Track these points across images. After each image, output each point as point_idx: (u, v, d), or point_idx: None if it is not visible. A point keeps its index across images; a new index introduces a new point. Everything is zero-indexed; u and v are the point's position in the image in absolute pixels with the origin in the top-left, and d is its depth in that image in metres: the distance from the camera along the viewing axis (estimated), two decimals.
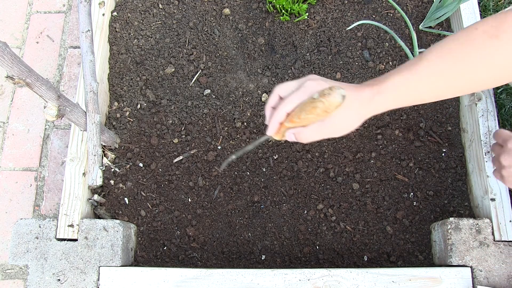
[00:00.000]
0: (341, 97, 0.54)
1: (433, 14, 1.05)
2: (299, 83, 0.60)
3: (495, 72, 0.58)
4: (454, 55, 0.58)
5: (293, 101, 0.58)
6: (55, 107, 0.79)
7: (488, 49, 0.57)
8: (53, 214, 1.13)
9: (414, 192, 1.00)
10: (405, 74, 0.58)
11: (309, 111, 0.56)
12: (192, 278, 0.86)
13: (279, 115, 0.60)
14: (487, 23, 0.58)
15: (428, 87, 0.59)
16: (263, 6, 1.14)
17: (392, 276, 0.85)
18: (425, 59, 0.58)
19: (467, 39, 0.58)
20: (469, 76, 0.58)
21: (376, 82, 0.59)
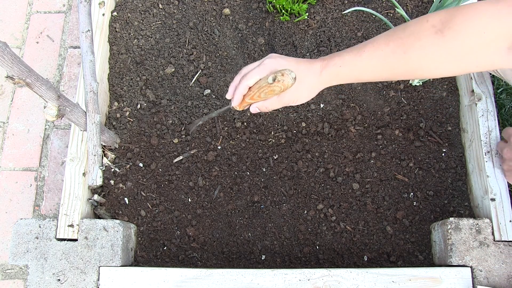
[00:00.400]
0: (293, 80, 0.63)
1: None
2: (260, 61, 0.68)
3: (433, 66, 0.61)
4: (399, 44, 0.61)
5: (253, 76, 0.66)
6: (55, 107, 0.79)
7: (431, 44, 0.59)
8: (53, 214, 1.13)
9: (414, 192, 1.00)
10: (351, 54, 0.65)
11: (267, 93, 0.66)
12: (192, 278, 0.86)
13: (242, 88, 0.68)
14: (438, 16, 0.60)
15: (369, 69, 0.65)
16: (263, 6, 1.14)
17: (392, 276, 0.85)
18: (374, 42, 0.64)
19: (415, 30, 0.61)
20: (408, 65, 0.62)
21: (328, 57, 0.67)
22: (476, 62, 0.59)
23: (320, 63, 0.67)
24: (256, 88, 0.68)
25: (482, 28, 0.56)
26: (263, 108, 0.70)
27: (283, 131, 1.05)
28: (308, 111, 1.06)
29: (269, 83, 0.65)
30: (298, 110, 1.06)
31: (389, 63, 0.63)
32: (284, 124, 1.05)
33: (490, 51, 0.57)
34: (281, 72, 0.63)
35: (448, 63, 0.60)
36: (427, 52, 0.60)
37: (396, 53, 0.62)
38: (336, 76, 0.67)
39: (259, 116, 1.06)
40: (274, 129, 1.05)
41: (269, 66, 0.66)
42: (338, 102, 1.07)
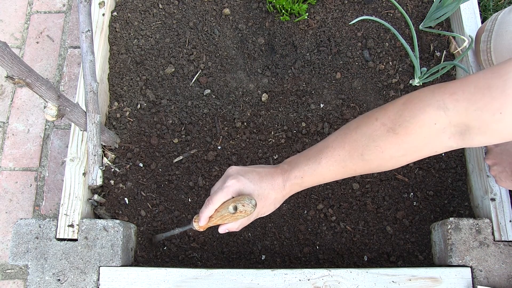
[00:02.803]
0: (253, 207, 0.65)
1: (433, 14, 1.05)
2: (223, 180, 0.70)
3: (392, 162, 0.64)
4: (354, 146, 0.64)
5: (219, 200, 0.68)
6: (55, 107, 0.79)
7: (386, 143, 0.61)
8: (53, 214, 1.13)
9: (414, 192, 1.00)
10: (310, 164, 0.67)
11: (231, 220, 0.69)
12: (192, 278, 0.86)
13: (208, 210, 0.70)
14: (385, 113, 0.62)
15: (330, 174, 0.67)
16: (263, 6, 1.14)
17: (392, 276, 0.85)
18: (329, 148, 0.66)
19: (367, 132, 0.63)
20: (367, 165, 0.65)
21: (287, 167, 0.69)
22: (434, 149, 0.61)
23: (281, 178, 0.69)
24: (218, 215, 0.70)
25: (432, 120, 0.58)
26: (233, 229, 0.72)
27: (283, 131, 1.05)
28: (308, 111, 1.06)
29: (230, 213, 0.67)
30: (298, 110, 1.06)
31: (348, 165, 0.65)
32: (284, 124, 1.05)
33: (444, 139, 0.59)
34: (241, 202, 0.65)
35: (406, 156, 0.62)
36: (384, 150, 0.62)
37: (353, 156, 0.64)
38: (300, 186, 0.70)
39: (259, 116, 1.06)
40: (274, 129, 1.05)
41: (232, 188, 0.67)
42: (338, 102, 1.07)
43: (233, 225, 0.71)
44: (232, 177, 0.68)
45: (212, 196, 0.69)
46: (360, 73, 1.09)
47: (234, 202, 0.67)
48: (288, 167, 0.69)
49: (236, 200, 0.67)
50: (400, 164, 0.64)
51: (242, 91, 1.08)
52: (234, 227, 0.72)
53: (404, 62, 1.09)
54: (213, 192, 0.71)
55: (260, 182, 0.69)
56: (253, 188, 0.68)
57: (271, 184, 0.69)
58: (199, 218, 0.72)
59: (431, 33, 1.11)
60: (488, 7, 1.24)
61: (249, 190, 0.68)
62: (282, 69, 1.09)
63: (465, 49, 1.06)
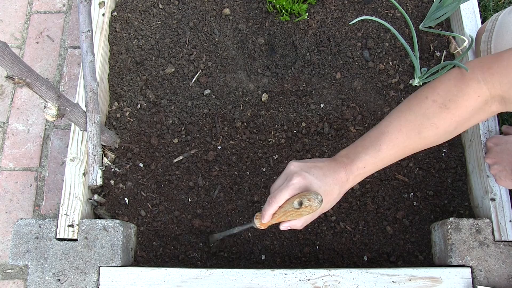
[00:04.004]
0: (319, 203, 0.64)
1: (433, 14, 1.05)
2: (285, 177, 0.69)
3: (445, 136, 0.69)
4: (411, 127, 0.67)
5: (283, 197, 0.67)
6: (55, 107, 0.79)
7: (438, 119, 0.67)
8: (53, 214, 1.13)
9: (414, 192, 1.00)
10: (370, 152, 0.68)
11: (296, 216, 0.67)
12: (192, 278, 0.86)
13: (272, 208, 0.68)
14: (435, 91, 0.68)
15: (391, 158, 0.69)
16: (263, 6, 1.14)
17: (392, 276, 0.85)
18: (386, 133, 0.68)
19: (420, 110, 0.67)
20: (425, 142, 0.69)
21: (348, 160, 0.69)
22: (481, 118, 0.68)
23: (344, 172, 0.68)
24: (281, 211, 0.68)
25: (475, 93, 0.65)
26: (296, 227, 0.71)
27: (283, 131, 1.05)
28: (308, 111, 1.06)
29: (295, 208, 0.65)
30: (298, 110, 1.06)
31: (407, 146, 0.69)
32: (284, 124, 1.05)
33: (487, 108, 0.67)
34: (307, 197, 0.64)
35: (457, 128, 0.68)
36: (439, 126, 0.67)
37: (411, 136, 0.67)
38: (362, 176, 0.70)
39: (259, 116, 1.06)
40: (274, 129, 1.05)
41: (298, 185, 0.66)
42: (338, 102, 1.07)
43: (296, 222, 0.69)
44: (296, 174, 0.67)
45: (276, 194, 0.67)
46: (360, 73, 1.09)
47: (299, 197, 0.65)
48: (348, 160, 0.69)
49: (301, 195, 0.65)
50: (451, 137, 0.70)
51: (242, 91, 1.08)
52: (298, 225, 0.70)
53: (404, 62, 1.09)
54: (274, 189, 0.70)
55: (324, 178, 0.68)
56: (319, 184, 0.67)
57: (335, 178, 0.68)
58: (262, 215, 0.70)
59: (431, 33, 1.11)
60: (488, 7, 1.24)
61: (315, 187, 0.66)
62: (282, 69, 1.09)
63: (465, 49, 1.06)
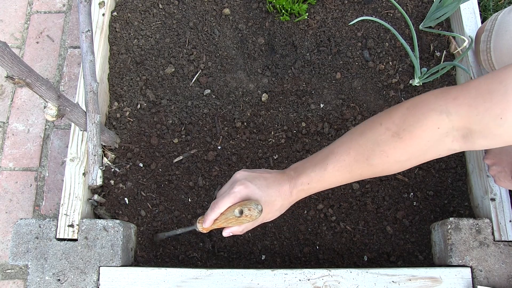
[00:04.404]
0: (259, 212, 0.66)
1: (433, 14, 1.05)
2: (230, 184, 0.71)
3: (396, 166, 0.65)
4: (359, 152, 0.65)
5: (225, 204, 0.69)
6: (55, 107, 0.79)
7: (389, 147, 0.63)
8: (53, 214, 1.13)
9: (414, 192, 1.00)
10: (317, 170, 0.68)
11: (236, 223, 0.69)
12: (192, 278, 0.86)
13: (214, 214, 0.70)
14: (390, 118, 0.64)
15: (337, 179, 0.68)
16: (263, 6, 1.14)
17: (392, 276, 0.85)
18: (335, 153, 0.67)
19: (372, 137, 0.64)
20: (372, 169, 0.66)
21: (294, 174, 0.70)
22: (437, 153, 0.62)
23: (288, 185, 0.69)
24: (223, 218, 0.70)
25: (435, 124, 0.59)
26: (237, 233, 0.73)
27: (283, 131, 1.05)
28: (308, 111, 1.06)
29: (236, 216, 0.67)
30: (298, 110, 1.06)
31: (354, 170, 0.66)
32: (284, 124, 1.05)
33: (447, 142, 0.60)
34: (247, 207, 0.66)
35: (410, 160, 0.64)
36: (389, 155, 0.63)
37: (359, 160, 0.65)
38: (306, 192, 0.71)
39: (259, 116, 1.06)
40: (274, 129, 1.05)
41: (240, 194, 0.68)
42: (338, 102, 1.07)
43: (237, 229, 0.71)
44: (239, 182, 0.69)
45: (219, 200, 0.69)
46: (360, 73, 1.09)
47: (240, 206, 0.67)
48: (295, 174, 0.70)
49: (242, 204, 0.67)
50: (405, 168, 0.65)
51: (242, 91, 1.08)
52: (238, 231, 0.72)
53: (404, 62, 1.09)
54: (219, 195, 0.72)
55: (267, 189, 0.69)
56: (260, 194, 0.68)
57: (278, 191, 0.69)
58: (204, 220, 0.72)
59: (431, 33, 1.11)
60: (488, 7, 1.24)
61: (256, 197, 0.68)
62: (282, 69, 1.09)
63: (465, 49, 1.06)
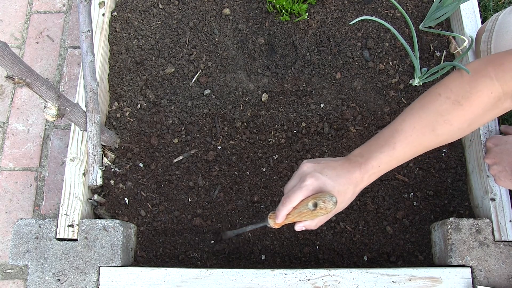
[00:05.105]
0: (335, 204, 0.64)
1: (433, 14, 1.05)
2: (298, 178, 0.69)
3: (459, 133, 0.69)
4: (424, 124, 0.68)
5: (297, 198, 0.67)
6: (55, 107, 0.79)
7: (452, 116, 0.67)
8: (53, 214, 1.13)
9: (414, 192, 1.00)
10: (385, 150, 0.68)
11: (310, 217, 0.67)
12: (192, 278, 0.86)
13: (286, 209, 0.69)
14: (448, 88, 0.69)
15: (406, 156, 0.69)
16: (263, 6, 1.14)
17: (392, 276, 0.85)
18: (400, 130, 0.68)
19: (433, 107, 0.68)
20: (438, 139, 0.69)
21: (362, 160, 0.69)
22: (494, 115, 0.69)
23: (358, 171, 0.68)
24: (296, 212, 0.68)
25: (488, 89, 0.66)
26: (310, 227, 0.71)
27: (283, 131, 1.05)
28: (308, 111, 1.06)
29: (310, 210, 0.65)
30: (298, 110, 1.06)
31: (421, 144, 0.69)
32: (284, 124, 1.05)
33: (500, 105, 0.67)
34: (322, 199, 0.64)
35: (470, 126, 0.69)
36: (452, 123, 0.67)
37: (425, 133, 0.68)
38: (377, 175, 0.70)
39: (259, 116, 1.06)
40: (274, 129, 1.05)
41: (312, 187, 0.66)
42: (338, 102, 1.07)
43: (310, 223, 0.70)
44: (310, 175, 0.67)
45: (290, 195, 0.68)
46: (360, 73, 1.09)
47: (314, 198, 0.65)
48: (362, 159, 0.69)
49: (316, 197, 0.65)
50: (466, 134, 0.70)
51: (242, 91, 1.08)
52: (312, 225, 0.70)
53: (404, 62, 1.09)
54: (288, 190, 0.70)
55: (338, 178, 0.67)
56: (333, 185, 0.66)
57: (349, 179, 0.68)
58: (276, 215, 0.71)
59: (431, 33, 1.11)
60: (488, 7, 1.24)
61: (329, 188, 0.66)
62: (282, 69, 1.09)
63: (465, 49, 1.06)
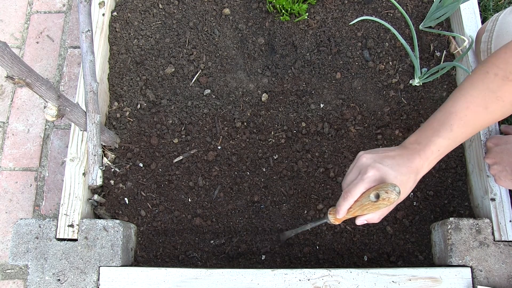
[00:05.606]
0: (398, 194, 0.61)
1: (433, 14, 1.05)
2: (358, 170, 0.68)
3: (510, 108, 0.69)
4: (477, 103, 0.68)
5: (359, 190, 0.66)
6: (55, 107, 0.79)
7: (503, 92, 0.67)
8: (53, 214, 1.13)
9: (414, 192, 1.00)
10: (442, 134, 0.68)
11: (372, 209, 0.65)
12: (192, 278, 0.86)
13: (348, 203, 0.67)
14: (494, 65, 0.68)
15: (463, 137, 0.69)
16: (263, 6, 1.14)
17: (392, 276, 0.85)
18: (454, 112, 0.68)
19: (483, 85, 0.68)
20: (492, 116, 0.69)
21: (420, 146, 0.68)
22: None
23: (418, 158, 0.67)
24: (357, 206, 0.66)
25: None
26: (373, 220, 0.70)
27: (283, 131, 1.05)
28: (308, 111, 1.06)
29: (372, 201, 0.64)
30: (298, 110, 1.06)
31: (476, 122, 0.69)
32: (284, 124, 1.05)
33: None
34: (384, 189, 0.62)
35: None
36: (504, 99, 0.68)
37: (479, 112, 0.68)
38: (436, 160, 0.69)
39: (259, 116, 1.06)
40: (274, 129, 1.05)
41: (374, 178, 0.65)
42: (338, 102, 1.07)
43: (373, 216, 0.68)
44: (370, 166, 0.66)
45: (351, 188, 0.66)
46: (360, 73, 1.09)
47: (375, 190, 0.63)
48: (420, 146, 0.68)
49: (377, 188, 0.63)
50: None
51: (242, 91, 1.08)
52: (375, 218, 0.69)
53: (404, 62, 1.09)
54: (347, 183, 0.69)
55: (399, 168, 0.66)
56: (394, 175, 0.65)
57: (410, 167, 0.66)
58: (337, 210, 0.69)
59: (431, 33, 1.11)
60: (488, 7, 1.24)
61: (391, 178, 0.65)
62: (282, 69, 1.09)
63: (465, 49, 1.06)
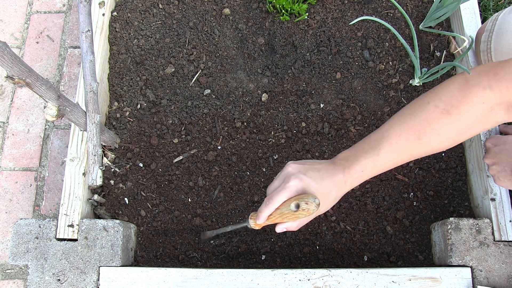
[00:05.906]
0: (317, 206, 0.63)
1: (433, 14, 1.05)
2: (282, 178, 0.69)
3: (447, 142, 0.68)
4: (411, 132, 0.67)
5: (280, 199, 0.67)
6: (55, 107, 0.79)
7: (440, 124, 0.65)
8: (53, 214, 1.13)
9: (414, 192, 1.00)
10: (370, 156, 0.67)
11: (292, 218, 0.66)
12: (192, 278, 0.86)
13: (269, 210, 0.68)
14: (437, 96, 0.67)
15: (391, 163, 0.69)
16: (263, 6, 1.14)
17: (392, 276, 0.85)
18: (386, 137, 0.68)
19: (422, 115, 0.66)
20: (424, 148, 0.68)
21: (347, 163, 0.68)
22: (484, 126, 0.67)
23: (342, 175, 0.68)
24: (277, 213, 0.67)
25: (480, 99, 0.64)
26: (291, 229, 0.71)
27: (283, 131, 1.05)
28: (308, 111, 1.06)
29: (292, 210, 0.65)
30: (298, 110, 1.06)
31: (406, 152, 0.68)
32: (284, 124, 1.05)
33: (492, 116, 0.65)
34: (304, 200, 0.64)
35: (460, 136, 0.67)
36: (439, 132, 0.66)
37: (411, 141, 0.67)
38: (359, 180, 0.70)
39: (259, 116, 1.06)
40: (274, 129, 1.05)
41: (296, 188, 0.66)
42: (338, 102, 1.07)
43: (292, 224, 0.69)
44: (294, 176, 0.67)
45: (273, 196, 0.67)
46: (360, 73, 1.09)
47: (296, 200, 0.64)
48: (347, 163, 0.68)
49: (298, 198, 0.64)
50: (455, 144, 0.68)
51: (242, 91, 1.08)
52: (293, 226, 0.70)
53: (404, 62, 1.09)
54: (271, 190, 0.70)
55: (321, 181, 0.67)
56: (316, 187, 0.66)
57: (333, 181, 0.67)
58: (258, 216, 0.70)
59: (431, 33, 1.11)
60: (488, 7, 1.24)
61: (312, 190, 0.66)
62: (282, 69, 1.09)
63: (465, 49, 1.06)
